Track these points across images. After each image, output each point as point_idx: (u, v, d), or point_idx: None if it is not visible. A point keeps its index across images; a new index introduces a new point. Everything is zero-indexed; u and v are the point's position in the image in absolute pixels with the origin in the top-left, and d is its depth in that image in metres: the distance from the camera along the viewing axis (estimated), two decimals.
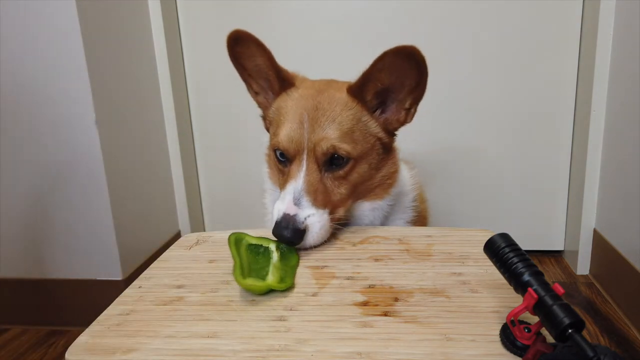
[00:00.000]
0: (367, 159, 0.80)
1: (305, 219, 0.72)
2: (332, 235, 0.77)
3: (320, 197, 0.75)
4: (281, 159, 0.80)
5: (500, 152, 1.63)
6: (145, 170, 1.53)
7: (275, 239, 0.71)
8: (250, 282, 0.58)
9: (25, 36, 1.22)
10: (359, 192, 0.82)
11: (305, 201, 0.73)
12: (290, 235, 0.70)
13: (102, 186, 1.30)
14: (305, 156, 0.76)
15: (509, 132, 1.61)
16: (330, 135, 0.75)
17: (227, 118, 1.72)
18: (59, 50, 1.22)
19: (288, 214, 0.72)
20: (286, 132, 0.77)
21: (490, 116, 1.60)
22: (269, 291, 0.60)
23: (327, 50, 1.58)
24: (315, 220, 0.73)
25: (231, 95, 1.69)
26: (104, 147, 1.29)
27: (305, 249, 0.73)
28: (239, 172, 1.76)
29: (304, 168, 0.76)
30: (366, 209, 0.83)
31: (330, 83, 0.84)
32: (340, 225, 0.78)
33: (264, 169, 0.94)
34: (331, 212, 0.76)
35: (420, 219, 0.95)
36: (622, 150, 1.35)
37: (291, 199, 0.73)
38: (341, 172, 0.77)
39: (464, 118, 1.61)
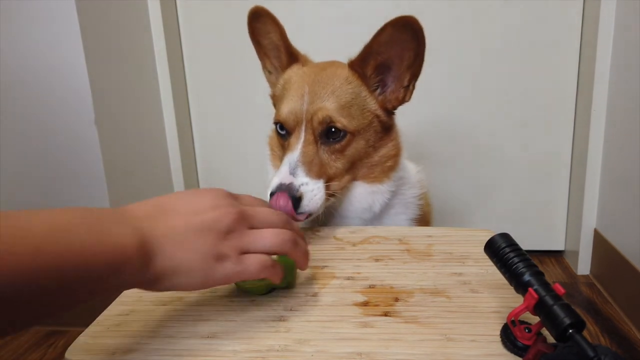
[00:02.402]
0: (365, 136, 0.81)
1: (299, 186, 0.73)
2: (333, 236, 0.77)
3: (316, 169, 0.76)
4: (281, 132, 0.81)
5: (500, 152, 1.63)
6: (144, 171, 1.53)
7: None
8: (250, 283, 0.58)
9: (25, 36, 1.22)
10: (357, 170, 0.83)
11: (300, 171, 0.74)
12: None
13: (102, 186, 1.30)
14: (303, 128, 0.77)
15: (508, 132, 1.61)
16: (328, 107, 0.76)
17: (228, 118, 1.72)
18: (59, 50, 1.22)
19: (284, 184, 0.73)
20: (287, 105, 0.79)
21: (490, 116, 1.60)
22: (270, 290, 0.60)
23: (327, 50, 1.58)
24: (309, 189, 0.74)
25: (231, 96, 1.69)
26: (103, 147, 1.29)
27: (301, 219, 0.74)
28: (240, 172, 1.77)
29: (302, 140, 0.77)
30: (365, 191, 0.84)
31: (333, 62, 0.86)
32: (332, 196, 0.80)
33: (267, 166, 0.94)
34: (326, 183, 0.77)
35: (424, 221, 0.95)
36: (623, 149, 1.35)
37: (287, 169, 0.75)
38: (338, 146, 0.78)
39: (464, 119, 1.61)
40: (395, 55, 0.78)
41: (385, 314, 0.54)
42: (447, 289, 0.59)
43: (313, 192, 0.74)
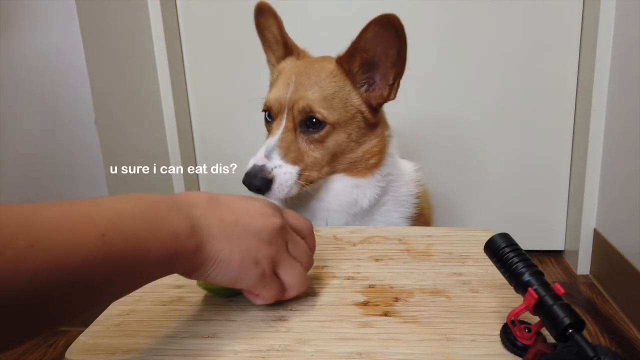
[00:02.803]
0: (346, 129, 0.83)
1: (272, 169, 0.77)
2: (333, 236, 0.77)
3: (293, 155, 0.79)
4: (268, 120, 0.84)
5: (500, 152, 1.63)
6: (145, 171, 1.53)
7: None
8: (213, 284, 0.55)
9: (25, 36, 1.22)
10: (338, 163, 0.84)
11: (275, 154, 0.78)
12: (258, 183, 0.76)
13: (102, 187, 1.30)
14: (285, 115, 0.80)
15: (508, 132, 1.61)
16: (309, 96, 0.79)
17: (228, 118, 1.72)
18: (59, 50, 1.22)
19: (257, 165, 0.77)
20: (273, 93, 0.82)
21: (490, 116, 1.60)
22: (233, 294, 0.58)
23: (328, 50, 1.58)
24: (282, 172, 0.77)
25: (232, 95, 1.69)
26: (103, 147, 1.29)
27: (276, 198, 0.78)
28: (240, 172, 1.76)
29: (282, 126, 0.80)
30: (348, 184, 0.85)
31: (325, 57, 0.89)
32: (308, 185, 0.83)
33: None
34: (303, 171, 0.80)
35: (423, 220, 0.95)
36: (623, 149, 1.35)
37: (263, 152, 0.78)
38: (317, 136, 0.80)
39: (464, 118, 1.61)
40: (381, 52, 0.81)
41: (385, 314, 0.54)
42: (447, 289, 0.59)
43: (285, 176, 0.77)
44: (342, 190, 0.85)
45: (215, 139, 1.76)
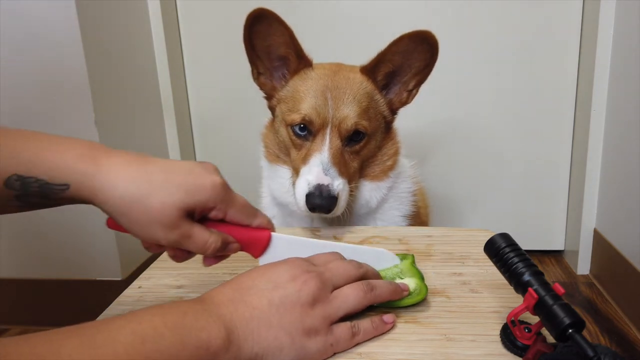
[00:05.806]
0: (375, 137, 0.85)
1: (337, 186, 0.76)
2: (333, 236, 0.78)
3: (344, 169, 0.79)
4: (300, 133, 0.82)
5: (499, 152, 1.63)
6: None
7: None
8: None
9: (25, 36, 1.22)
10: (363, 169, 0.86)
11: (334, 172, 0.77)
12: (327, 203, 0.74)
13: None
14: (329, 130, 0.80)
15: (508, 132, 1.61)
16: (354, 114, 0.80)
17: (227, 118, 1.72)
18: (59, 50, 1.22)
19: (322, 184, 0.75)
20: (313, 106, 0.80)
21: (490, 117, 1.60)
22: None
23: (328, 51, 1.58)
24: (342, 189, 0.77)
25: (232, 96, 1.69)
26: None
27: (334, 216, 0.78)
28: (239, 171, 1.76)
29: (327, 141, 0.80)
30: (365, 189, 0.86)
31: (340, 65, 0.88)
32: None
33: (262, 162, 0.95)
34: (349, 183, 0.81)
35: (420, 219, 0.95)
36: (623, 149, 1.35)
37: (320, 170, 0.77)
38: (357, 147, 0.82)
39: (464, 118, 1.61)
40: (406, 63, 0.83)
41: (386, 314, 0.54)
42: (447, 289, 0.59)
43: (345, 192, 0.78)
44: (358, 195, 0.86)
45: (216, 139, 1.76)
